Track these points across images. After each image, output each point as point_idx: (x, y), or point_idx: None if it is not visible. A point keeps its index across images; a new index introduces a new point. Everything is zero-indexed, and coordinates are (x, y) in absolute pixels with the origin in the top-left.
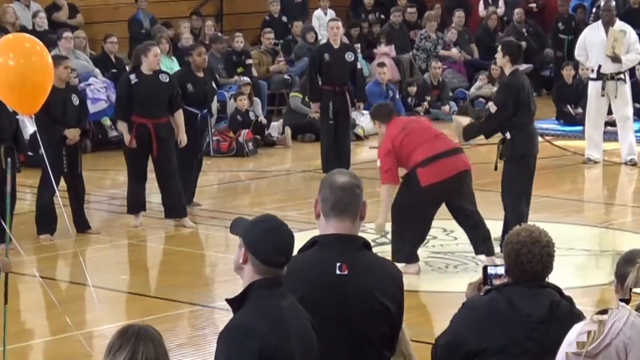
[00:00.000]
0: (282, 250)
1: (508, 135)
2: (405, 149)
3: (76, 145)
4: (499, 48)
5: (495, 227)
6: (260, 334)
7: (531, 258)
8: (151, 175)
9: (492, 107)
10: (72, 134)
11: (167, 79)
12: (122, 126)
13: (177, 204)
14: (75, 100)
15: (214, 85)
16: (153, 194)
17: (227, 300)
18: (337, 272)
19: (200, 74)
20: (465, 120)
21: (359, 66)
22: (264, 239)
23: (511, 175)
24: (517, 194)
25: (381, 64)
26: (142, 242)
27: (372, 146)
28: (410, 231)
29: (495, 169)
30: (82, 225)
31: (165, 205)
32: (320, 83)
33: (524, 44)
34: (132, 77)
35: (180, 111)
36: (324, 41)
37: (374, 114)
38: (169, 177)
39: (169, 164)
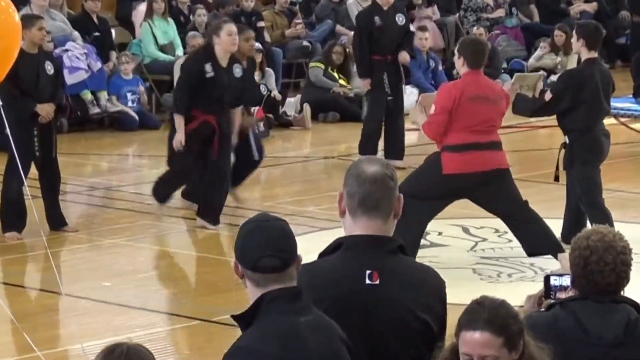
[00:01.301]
0: (268, 249)
1: (567, 139)
2: (450, 116)
3: (50, 124)
4: (574, 30)
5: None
6: (269, 356)
7: (603, 267)
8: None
9: (548, 94)
10: (46, 110)
11: (241, 73)
12: (179, 121)
13: (219, 210)
14: (50, 69)
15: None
16: (145, 184)
17: (234, 317)
18: (367, 281)
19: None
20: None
21: (411, 28)
22: (247, 243)
23: (580, 180)
24: (594, 197)
25: (422, 28)
26: (128, 243)
27: (409, 128)
28: (410, 218)
29: (556, 179)
30: (56, 221)
31: (208, 207)
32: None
33: (595, 4)
34: (208, 68)
35: (239, 109)
36: (351, 0)
37: (459, 48)
38: (224, 179)
39: (226, 165)
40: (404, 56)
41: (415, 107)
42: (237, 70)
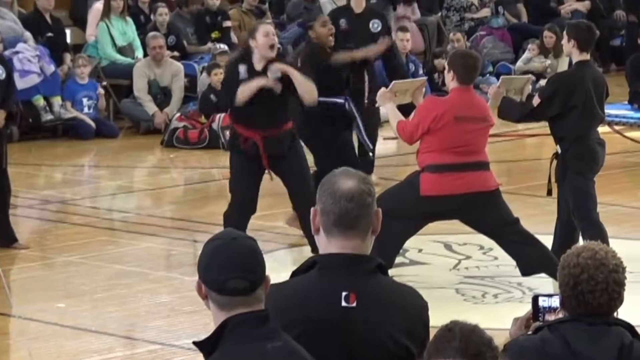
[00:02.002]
0: (236, 270)
1: (559, 148)
2: (432, 136)
3: (0, 132)
4: (565, 31)
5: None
6: None
7: (594, 286)
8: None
9: (536, 98)
10: None
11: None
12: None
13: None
14: (1, 72)
15: None
16: (102, 198)
17: (196, 343)
18: (343, 303)
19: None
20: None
21: (388, 39)
22: (212, 262)
23: (572, 193)
24: (588, 211)
25: (403, 28)
26: (84, 261)
27: (387, 136)
28: (385, 238)
29: (549, 193)
30: (5, 237)
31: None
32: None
33: (587, 3)
34: (242, 69)
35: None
36: None
37: (452, 62)
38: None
39: (304, 184)
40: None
41: (385, 92)
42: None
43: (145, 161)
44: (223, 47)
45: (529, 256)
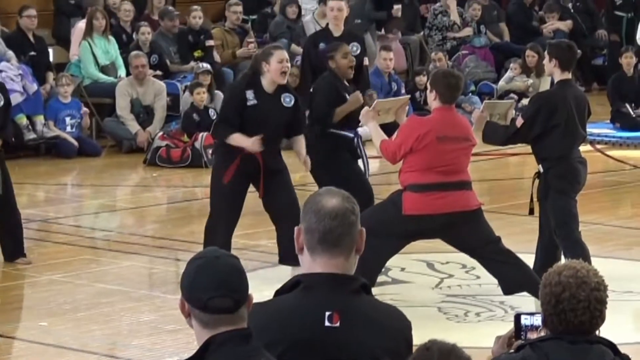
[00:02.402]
0: (220, 288)
1: (541, 167)
2: (415, 156)
3: None
4: (546, 50)
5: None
6: None
7: (575, 305)
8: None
9: (519, 120)
10: None
11: (292, 103)
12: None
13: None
14: None
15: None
16: (85, 216)
17: None
18: (326, 323)
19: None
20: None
21: (365, 62)
22: (196, 280)
23: (554, 211)
24: (570, 230)
25: (387, 47)
26: (67, 279)
27: (370, 155)
28: (367, 257)
29: (531, 212)
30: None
31: (281, 249)
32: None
33: (569, 22)
34: (250, 95)
35: (302, 136)
36: (308, 17)
37: (434, 82)
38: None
39: (295, 199)
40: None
41: (368, 111)
42: (287, 100)
43: (127, 180)
44: (206, 66)
45: (510, 275)
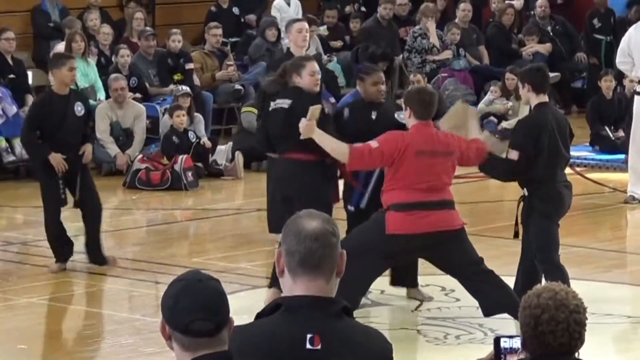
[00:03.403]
0: (201, 311)
1: (525, 191)
2: (395, 172)
3: (76, 163)
4: (518, 79)
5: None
6: None
7: (555, 327)
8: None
9: (511, 153)
10: (57, 160)
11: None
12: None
13: None
14: (80, 109)
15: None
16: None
17: None
18: (308, 346)
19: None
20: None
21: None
22: (177, 303)
23: (537, 235)
24: (550, 254)
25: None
26: (46, 302)
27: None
28: (350, 279)
29: (516, 236)
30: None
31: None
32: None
33: (548, 45)
34: (282, 102)
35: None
36: (287, 40)
37: (406, 100)
38: None
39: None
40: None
41: (307, 124)
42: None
43: (107, 202)
44: (185, 89)
45: (491, 296)
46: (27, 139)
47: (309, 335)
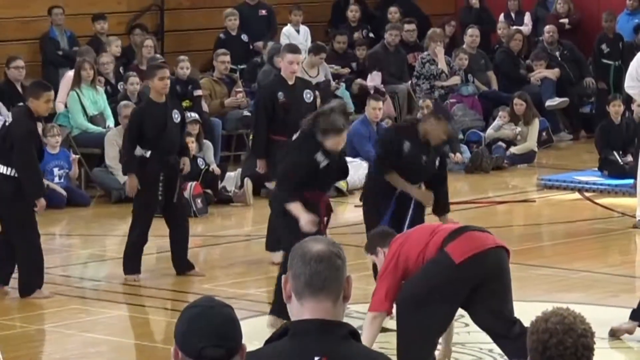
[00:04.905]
0: (214, 338)
1: None
2: (412, 250)
3: (175, 170)
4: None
5: None
6: None
7: (563, 351)
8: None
9: None
10: (131, 185)
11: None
12: (295, 207)
13: None
14: (177, 117)
15: None
16: (74, 266)
17: None
18: None
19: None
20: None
21: (318, 103)
22: (190, 329)
23: None
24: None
25: (376, 97)
26: (57, 329)
27: (358, 204)
28: (419, 331)
29: None
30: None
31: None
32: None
33: (557, 71)
34: (320, 157)
35: None
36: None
37: (370, 246)
38: None
39: None
40: None
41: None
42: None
43: (117, 229)
44: (194, 115)
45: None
46: (124, 149)
47: (316, 358)
